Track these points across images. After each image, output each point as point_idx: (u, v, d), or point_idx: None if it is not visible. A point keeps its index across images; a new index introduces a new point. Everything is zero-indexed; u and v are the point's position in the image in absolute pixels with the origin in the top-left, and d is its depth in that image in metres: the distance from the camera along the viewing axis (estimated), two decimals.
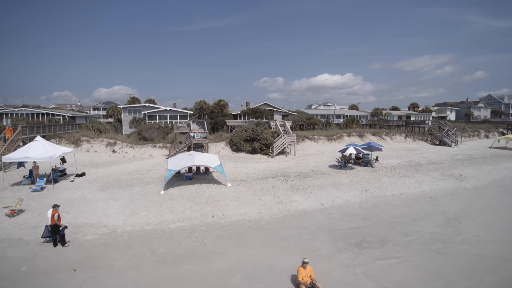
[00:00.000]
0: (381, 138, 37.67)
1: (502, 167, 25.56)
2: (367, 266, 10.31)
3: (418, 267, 10.22)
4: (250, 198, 17.52)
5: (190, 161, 19.46)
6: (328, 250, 11.44)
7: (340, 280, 9.48)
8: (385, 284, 9.20)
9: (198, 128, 34.65)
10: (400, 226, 13.72)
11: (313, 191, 18.73)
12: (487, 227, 13.50)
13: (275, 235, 12.88)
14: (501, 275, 9.60)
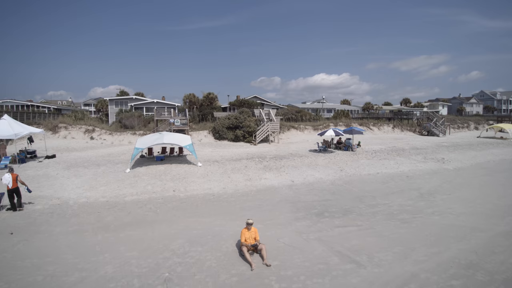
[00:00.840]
0: (368, 128, 36.99)
1: (487, 153, 24.91)
2: (322, 232, 9.51)
3: (378, 234, 9.43)
4: (219, 176, 16.71)
5: (159, 139, 18.63)
6: (286, 219, 10.63)
7: (290, 245, 8.68)
8: (338, 248, 8.41)
9: (180, 116, 33.80)
10: (369, 199, 12.95)
11: (286, 170, 17.93)
12: (462, 201, 12.76)
13: (234, 206, 12.07)
14: (471, 243, 8.81)
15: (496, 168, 19.78)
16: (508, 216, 10.88)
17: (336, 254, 8.13)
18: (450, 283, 6.71)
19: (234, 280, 6.88)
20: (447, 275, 7.00)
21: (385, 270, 7.28)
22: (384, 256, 7.94)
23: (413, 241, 8.87)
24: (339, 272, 7.24)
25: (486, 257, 7.82)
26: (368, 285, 6.70)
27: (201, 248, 8.49)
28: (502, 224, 10.09)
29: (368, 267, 7.43)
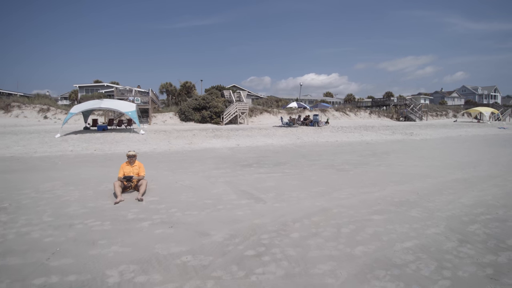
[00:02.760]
0: (344, 113, 35.70)
1: (460, 130, 23.79)
2: (237, 177, 7.82)
3: (304, 178, 7.79)
4: (158, 141, 14.86)
5: (96, 104, 16.76)
6: (203, 169, 8.91)
7: (188, 185, 6.96)
8: (244, 188, 6.75)
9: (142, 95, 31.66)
10: (314, 156, 11.31)
11: (237, 138, 16.19)
12: (419, 158, 11.26)
13: (153, 161, 10.24)
14: (414, 186, 7.21)
15: (465, 139, 18.54)
16: (468, 168, 9.41)
17: (237, 192, 6.45)
18: (370, 217, 5.09)
19: (82, 211, 5.14)
20: (368, 211, 5.39)
21: (288, 205, 5.63)
22: (297, 194, 6.30)
23: (342, 183, 7.26)
24: (227, 206, 5.57)
25: (428, 197, 6.26)
26: (255, 216, 5.03)
27: (73, 187, 6.70)
28: (460, 173, 8.60)
29: (268, 202, 5.77)
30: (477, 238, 4.16)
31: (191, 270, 3.35)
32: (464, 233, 4.34)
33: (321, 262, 3.52)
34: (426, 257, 3.64)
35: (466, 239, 4.14)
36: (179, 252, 3.76)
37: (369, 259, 3.60)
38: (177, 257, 3.65)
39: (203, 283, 3.09)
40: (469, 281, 3.14)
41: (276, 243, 4.02)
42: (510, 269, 3.35)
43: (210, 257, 3.64)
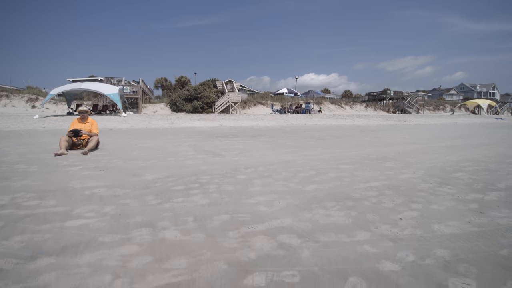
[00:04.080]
0: (340, 106, 35.04)
1: (457, 119, 23.14)
2: (206, 143, 7.21)
3: (280, 144, 7.14)
4: (139, 122, 14.21)
5: (77, 86, 16.03)
6: (171, 138, 8.26)
7: (148, 147, 6.33)
8: (206, 148, 6.09)
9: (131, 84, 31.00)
10: (297, 132, 10.65)
11: (222, 121, 15.54)
12: (407, 133, 10.58)
13: (124, 134, 9.60)
14: (397, 149, 6.52)
15: (461, 125, 17.89)
16: (459, 139, 8.77)
17: (198, 151, 5.81)
18: (336, 167, 4.42)
19: (17, 160, 4.51)
20: (337, 162, 4.72)
21: (249, 159, 4.97)
22: (263, 152, 5.64)
23: (318, 146, 6.60)
24: (179, 158, 4.94)
25: (410, 154, 5.60)
26: (205, 165, 4.39)
27: (24, 147, 6.10)
28: (449, 142, 7.95)
29: (227, 157, 5.12)
30: (461, 182, 3.50)
31: (96, 198, 2.69)
32: (446, 178, 3.68)
33: (260, 195, 2.86)
34: (393, 193, 2.98)
35: (448, 182, 3.48)
36: (94, 186, 3.10)
37: (321, 193, 2.94)
38: (88, 189, 2.99)
39: (101, 208, 2.43)
40: (446, 213, 2.48)
41: (215, 181, 3.36)
42: (501, 205, 2.69)
43: (127, 190, 2.98)
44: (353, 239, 1.90)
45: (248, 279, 1.44)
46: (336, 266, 1.56)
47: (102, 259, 1.62)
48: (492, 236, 1.96)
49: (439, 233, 2.01)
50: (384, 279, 1.45)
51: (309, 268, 1.54)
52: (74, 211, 2.37)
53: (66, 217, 2.24)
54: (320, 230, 2.03)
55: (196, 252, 1.70)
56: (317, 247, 1.78)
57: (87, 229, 2.04)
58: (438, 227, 2.11)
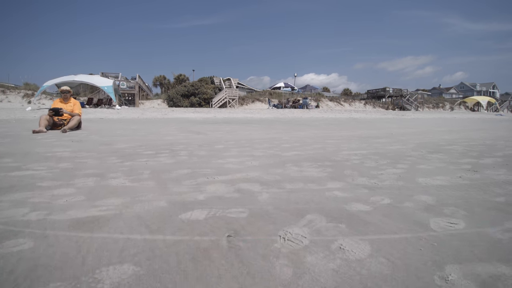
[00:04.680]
0: (338, 103, 34.76)
1: (456, 115, 22.88)
2: (193, 127, 6.96)
3: (269, 128, 6.88)
4: (131, 113, 13.98)
5: (70, 78, 15.80)
6: (161, 125, 8.02)
7: (134, 129, 6.08)
8: (193, 129, 5.83)
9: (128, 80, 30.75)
10: (291, 122, 10.40)
11: (216, 113, 15.29)
12: (403, 124, 10.31)
13: (115, 122, 9.34)
14: (390, 131, 6.27)
15: (460, 119, 17.64)
16: (457, 126, 8.51)
17: (182, 131, 5.59)
18: (323, 141, 4.19)
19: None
20: (324, 139, 4.48)
21: (233, 136, 4.73)
22: (243, 132, 5.40)
23: (308, 129, 6.33)
24: (160, 135, 4.71)
25: (403, 135, 5.36)
26: (186, 139, 4.15)
27: (6, 128, 5.86)
28: (446, 128, 7.73)
29: (210, 135, 4.88)
30: (454, 151, 3.25)
31: (54, 158, 2.45)
32: (438, 149, 3.44)
33: (233, 157, 2.63)
34: (378, 157, 2.74)
35: (440, 151, 3.24)
36: (59, 151, 2.86)
37: (300, 157, 2.70)
38: (51, 153, 2.75)
39: (56, 164, 2.20)
40: (434, 171, 2.25)
41: (189, 149, 3.12)
42: (497, 166, 2.46)
43: (92, 153, 2.75)
44: (323, 187, 1.66)
45: (186, 214, 1.20)
46: (295, 206, 1.32)
47: (30, 198, 1.40)
48: (487, 187, 1.72)
49: (424, 184, 1.78)
50: (350, 216, 1.21)
51: (262, 207, 1.30)
52: (26, 166, 2.13)
53: (15, 169, 2.01)
54: (288, 180, 1.79)
55: (138, 194, 1.46)
56: (279, 192, 1.55)
57: (31, 177, 1.81)
58: (424, 180, 1.88)
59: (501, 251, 0.92)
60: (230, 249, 0.91)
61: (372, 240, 0.98)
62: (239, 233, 1.03)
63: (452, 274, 0.79)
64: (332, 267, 0.81)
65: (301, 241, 0.96)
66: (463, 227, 1.11)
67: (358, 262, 0.84)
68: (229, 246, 0.93)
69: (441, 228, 1.10)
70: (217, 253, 0.88)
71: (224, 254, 0.88)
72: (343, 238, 0.99)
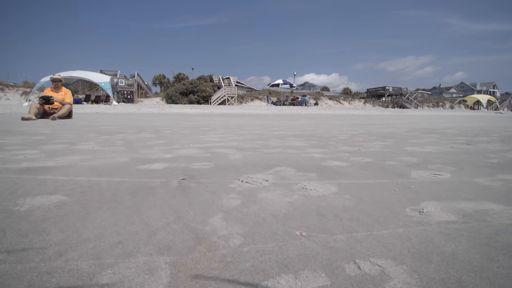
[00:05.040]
0: (338, 102, 34.66)
1: (455, 113, 22.76)
2: (187, 119, 6.86)
3: (263, 120, 6.78)
4: (128, 108, 13.89)
5: (68, 73, 15.72)
6: (155, 118, 7.92)
7: (126, 118, 5.98)
8: (185, 119, 5.75)
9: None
10: (287, 116, 10.30)
11: (213, 109, 15.19)
12: (400, 120, 10.21)
13: (109, 117, 9.25)
14: (386, 121, 6.17)
15: (459, 116, 17.52)
16: (455, 123, 8.41)
17: (172, 120, 5.51)
18: (315, 128, 4.10)
19: None
20: (316, 127, 4.39)
21: (215, 123, 4.65)
22: (236, 121, 5.31)
23: (300, 120, 6.24)
24: (150, 122, 4.61)
25: (398, 124, 5.28)
26: (175, 124, 4.07)
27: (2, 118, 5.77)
28: (444, 120, 7.61)
29: (201, 122, 4.79)
30: (449, 132, 3.14)
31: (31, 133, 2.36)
32: (433, 131, 3.34)
33: (217, 134, 2.53)
34: (368, 135, 2.64)
35: (434, 132, 3.14)
36: (39, 130, 2.77)
37: (286, 134, 2.61)
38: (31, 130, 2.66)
39: (29, 137, 2.10)
40: (424, 143, 2.16)
41: (175, 129, 3.03)
42: (492, 141, 2.36)
43: (73, 131, 2.65)
44: (302, 151, 1.57)
45: (145, 166, 1.10)
46: (267, 162, 1.22)
47: None
48: (480, 153, 1.63)
49: (410, 151, 1.68)
50: (323, 168, 1.11)
51: (231, 163, 1.21)
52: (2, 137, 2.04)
53: None
54: (266, 147, 1.70)
55: (101, 155, 1.37)
56: (253, 154, 1.45)
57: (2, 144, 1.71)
58: (412, 148, 1.78)
59: (491, 194, 0.83)
60: (178, 187, 0.82)
61: (341, 184, 0.88)
62: (195, 177, 0.93)
63: (429, 207, 0.70)
64: (288, 200, 0.72)
65: (261, 183, 0.87)
66: (449, 177, 1.02)
67: (319, 198, 0.75)
68: (178, 186, 0.84)
69: (423, 177, 1.00)
70: (162, 190, 0.78)
71: (169, 191, 0.78)
72: (309, 181, 0.90)
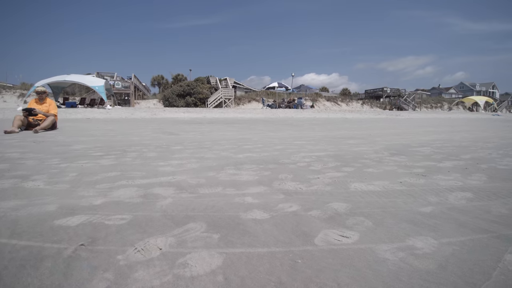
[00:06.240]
0: (335, 103, 34.64)
1: (452, 115, 22.76)
2: (174, 127, 6.88)
3: (251, 128, 6.80)
4: (121, 112, 13.92)
5: (62, 78, 15.77)
6: (139, 124, 7.94)
7: (111, 129, 5.99)
8: (171, 131, 5.76)
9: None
10: (278, 122, 10.32)
11: (207, 113, 15.22)
12: (392, 125, 10.23)
13: (99, 122, 9.28)
14: (371, 132, 6.18)
15: (454, 119, 17.52)
16: (445, 126, 8.43)
17: (155, 131, 5.53)
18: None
19: None
20: (281, 141, 4.41)
21: (195, 136, 4.66)
22: (217, 132, 5.33)
23: (285, 131, 6.25)
24: (125, 135, 4.61)
25: (381, 136, 5.29)
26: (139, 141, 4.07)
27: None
28: (432, 129, 7.62)
29: (173, 135, 4.80)
30: (419, 154, 3.15)
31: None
32: (404, 151, 3.35)
33: (178, 159, 2.55)
34: (331, 160, 2.66)
35: (403, 153, 3.15)
36: (9, 152, 2.79)
37: (248, 160, 2.63)
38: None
39: None
40: (378, 175, 2.17)
41: (143, 150, 3.05)
42: (452, 170, 2.38)
43: (38, 155, 2.67)
44: (239, 192, 1.58)
45: (64, 219, 1.12)
46: (186, 214, 1.24)
47: None
48: (421, 195, 1.63)
49: (352, 190, 1.69)
50: (236, 226, 1.13)
51: (152, 214, 1.22)
52: None
53: None
54: (209, 185, 1.71)
55: (35, 200, 1.38)
56: (187, 197, 1.47)
57: None
58: (357, 185, 1.79)
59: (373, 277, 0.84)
60: (65, 259, 0.83)
61: (230, 254, 0.90)
62: (96, 242, 0.95)
63: None
64: (155, 284, 0.73)
65: (150, 253, 0.88)
66: (352, 241, 1.03)
67: (190, 279, 0.76)
68: (68, 256, 0.85)
69: (326, 242, 1.02)
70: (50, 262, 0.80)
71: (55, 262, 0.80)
72: (201, 251, 0.91)
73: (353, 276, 0.81)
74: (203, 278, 0.77)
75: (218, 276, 0.78)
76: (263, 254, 0.91)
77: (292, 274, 0.80)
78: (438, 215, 1.29)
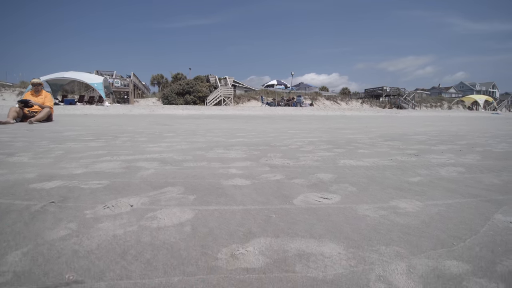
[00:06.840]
0: (335, 102, 34.57)
1: (451, 113, 22.72)
2: (171, 122, 6.85)
3: (243, 123, 6.77)
4: (119, 109, 13.89)
5: (59, 75, 15.74)
6: (136, 119, 7.91)
7: (105, 122, 5.97)
8: (166, 123, 5.73)
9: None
10: (276, 118, 10.28)
11: (206, 110, 15.17)
12: (390, 122, 10.18)
13: (95, 117, 9.25)
14: (367, 125, 6.14)
15: (454, 117, 17.48)
16: (443, 122, 8.40)
17: (150, 123, 5.50)
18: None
19: None
20: (275, 130, 4.38)
21: (189, 127, 4.62)
22: (212, 125, 5.30)
23: (281, 123, 6.22)
24: (119, 125, 4.58)
25: (377, 128, 5.26)
26: (132, 130, 4.04)
27: None
28: (429, 122, 7.59)
29: (166, 126, 4.77)
30: (414, 139, 3.11)
31: None
32: (398, 138, 3.32)
33: (168, 142, 2.52)
34: (324, 143, 2.62)
35: (397, 139, 3.11)
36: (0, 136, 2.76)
37: (239, 143, 2.59)
38: None
39: None
40: (368, 154, 2.14)
41: (134, 136, 3.02)
42: (446, 151, 2.34)
43: (28, 139, 2.64)
44: (224, 165, 1.55)
45: (41, 184, 1.09)
46: (170, 180, 1.21)
47: None
48: (411, 169, 1.59)
49: (341, 165, 1.66)
50: (215, 190, 1.10)
51: (131, 181, 1.19)
52: None
53: None
54: (195, 160, 1.68)
55: (17, 169, 1.36)
56: (170, 168, 1.44)
57: None
58: (346, 161, 1.76)
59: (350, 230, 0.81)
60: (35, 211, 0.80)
61: (203, 210, 0.87)
62: (68, 200, 0.92)
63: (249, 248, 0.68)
64: (118, 233, 0.70)
65: (120, 209, 0.85)
66: (333, 202, 1.00)
67: (156, 229, 0.73)
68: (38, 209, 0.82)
69: (305, 202, 0.98)
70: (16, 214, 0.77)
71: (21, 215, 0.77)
72: (173, 208, 0.88)
73: (328, 228, 0.77)
74: (169, 228, 0.74)
75: (185, 227, 0.75)
76: (237, 211, 0.88)
77: (263, 226, 0.77)
78: (426, 184, 1.26)
